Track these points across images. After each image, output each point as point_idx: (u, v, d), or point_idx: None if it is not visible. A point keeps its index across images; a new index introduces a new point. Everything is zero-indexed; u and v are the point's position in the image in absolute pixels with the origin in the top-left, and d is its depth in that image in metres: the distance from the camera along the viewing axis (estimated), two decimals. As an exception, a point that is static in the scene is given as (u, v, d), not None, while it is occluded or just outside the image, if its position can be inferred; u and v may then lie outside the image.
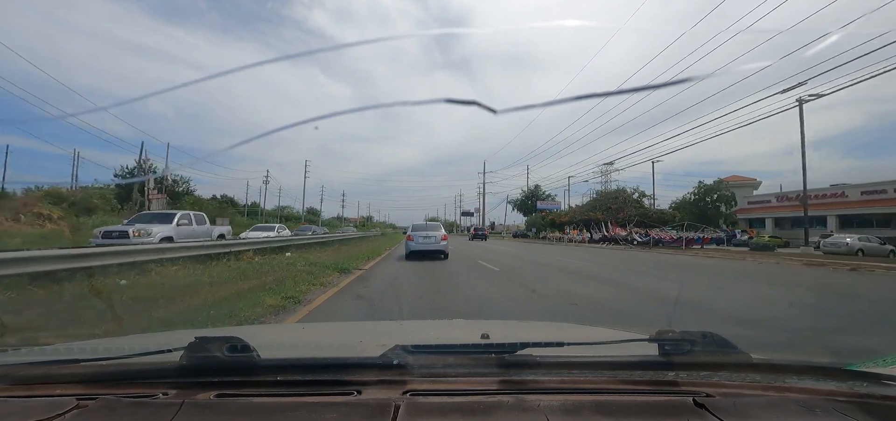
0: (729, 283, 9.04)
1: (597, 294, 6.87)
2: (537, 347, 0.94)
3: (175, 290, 6.01)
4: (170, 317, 4.48)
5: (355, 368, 0.86)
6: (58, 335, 3.71)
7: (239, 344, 0.85)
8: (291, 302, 5.51)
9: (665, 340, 0.92)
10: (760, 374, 0.86)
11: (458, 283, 8.08)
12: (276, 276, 7.83)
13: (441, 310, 5.54)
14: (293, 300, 5.60)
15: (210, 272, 8.05)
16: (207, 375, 0.81)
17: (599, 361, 0.88)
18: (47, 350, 1.26)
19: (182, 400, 0.74)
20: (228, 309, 4.85)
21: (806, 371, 0.87)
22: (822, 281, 10.15)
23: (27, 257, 5.97)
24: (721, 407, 0.73)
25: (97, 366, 0.88)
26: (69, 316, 4.46)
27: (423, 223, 15.80)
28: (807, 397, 0.78)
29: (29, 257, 5.99)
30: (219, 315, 4.53)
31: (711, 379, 0.84)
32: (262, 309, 4.96)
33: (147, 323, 4.21)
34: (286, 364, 0.86)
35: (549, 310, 5.62)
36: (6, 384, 0.82)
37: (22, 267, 5.70)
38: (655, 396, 0.79)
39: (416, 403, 0.74)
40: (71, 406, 0.72)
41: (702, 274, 10.78)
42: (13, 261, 5.69)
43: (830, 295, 7.77)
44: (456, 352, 0.99)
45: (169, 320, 4.34)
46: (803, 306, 6.42)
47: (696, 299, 6.53)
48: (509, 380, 0.82)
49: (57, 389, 0.79)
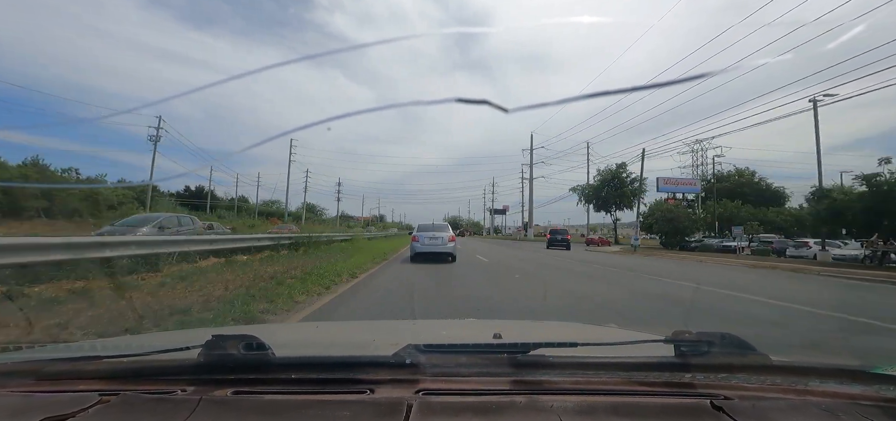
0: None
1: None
2: (550, 347, 0.93)
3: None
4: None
5: (368, 366, 0.86)
6: (83, 332, 3.82)
7: (254, 342, 0.87)
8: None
9: (681, 341, 0.90)
10: (780, 376, 0.84)
11: None
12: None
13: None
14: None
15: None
16: (224, 372, 0.83)
17: (614, 361, 0.87)
18: (72, 347, 1.30)
19: (199, 397, 0.75)
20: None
21: (829, 374, 0.85)
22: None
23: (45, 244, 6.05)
24: (739, 410, 0.72)
25: (118, 362, 0.91)
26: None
27: (430, 224, 15.51)
28: (829, 401, 0.76)
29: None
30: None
31: (729, 381, 0.82)
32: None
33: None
34: (300, 362, 0.87)
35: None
36: (32, 379, 0.84)
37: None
38: (671, 398, 0.77)
39: (429, 402, 0.74)
40: (94, 401, 0.74)
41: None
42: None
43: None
44: (468, 351, 0.99)
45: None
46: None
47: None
48: (522, 380, 0.81)
49: (80, 385, 0.82)
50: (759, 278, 11.35)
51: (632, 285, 8.79)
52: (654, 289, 8.30)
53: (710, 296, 7.51)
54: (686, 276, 11.20)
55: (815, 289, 9.49)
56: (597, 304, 6.45)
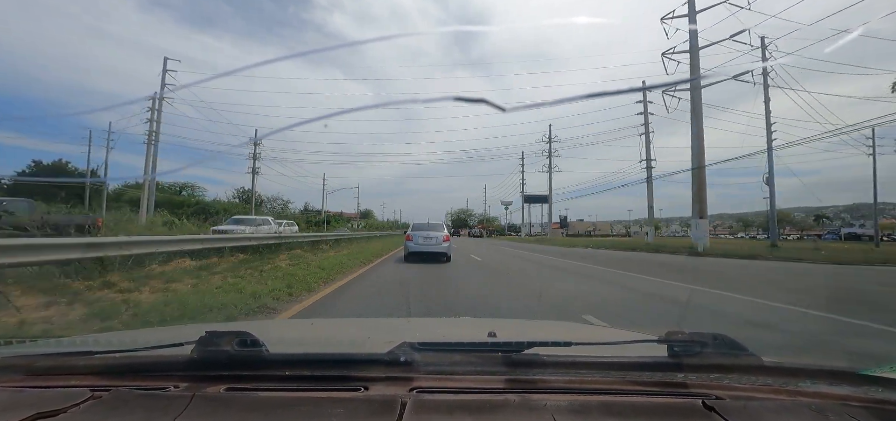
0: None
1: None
2: (544, 346, 0.94)
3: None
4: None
5: (362, 364, 0.86)
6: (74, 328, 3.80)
7: (248, 338, 0.86)
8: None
9: (674, 341, 0.91)
10: (772, 377, 0.85)
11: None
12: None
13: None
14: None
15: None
16: (217, 368, 0.82)
17: (607, 361, 0.88)
18: (63, 342, 1.29)
19: (193, 393, 0.75)
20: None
21: (819, 375, 0.86)
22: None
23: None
24: (731, 410, 0.72)
25: (111, 358, 0.90)
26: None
27: (425, 223, 14.71)
28: (820, 402, 0.77)
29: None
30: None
31: (721, 381, 0.82)
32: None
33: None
34: (294, 359, 0.87)
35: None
36: (22, 375, 0.84)
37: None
38: (664, 398, 0.78)
39: (423, 400, 0.74)
40: (85, 397, 0.74)
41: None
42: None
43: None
44: (463, 350, 0.99)
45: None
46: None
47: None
48: (516, 379, 0.82)
49: (72, 381, 0.81)
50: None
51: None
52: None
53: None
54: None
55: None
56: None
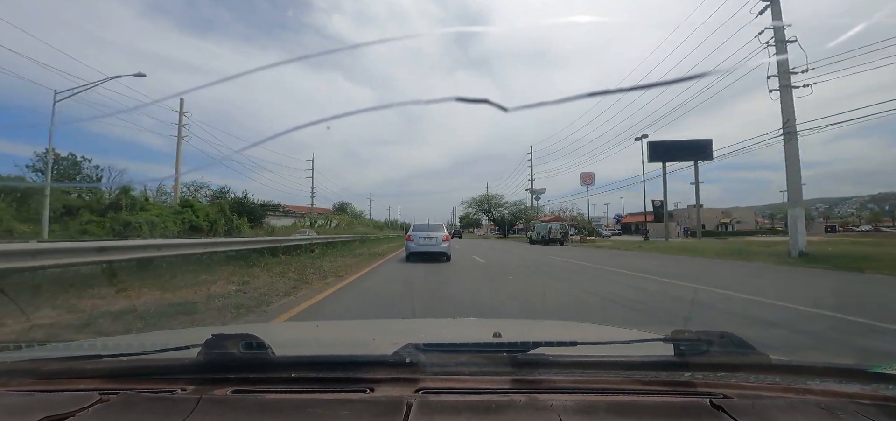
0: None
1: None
2: (550, 346, 0.94)
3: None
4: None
5: (368, 365, 0.86)
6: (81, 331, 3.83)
7: (254, 342, 0.87)
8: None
9: (681, 340, 0.90)
10: (780, 375, 0.84)
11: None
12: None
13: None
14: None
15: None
16: (224, 371, 0.83)
17: (613, 360, 0.87)
18: (72, 345, 1.30)
19: (199, 396, 0.75)
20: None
21: (828, 373, 0.85)
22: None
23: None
24: (739, 409, 0.72)
25: (118, 362, 0.91)
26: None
27: (425, 223, 15.12)
28: (829, 400, 0.76)
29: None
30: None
31: (729, 380, 0.82)
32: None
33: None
34: (300, 361, 0.87)
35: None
36: (31, 378, 0.84)
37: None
38: (671, 397, 0.77)
39: (429, 401, 0.74)
40: (93, 400, 0.74)
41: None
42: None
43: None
44: (468, 350, 0.99)
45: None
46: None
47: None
48: (522, 379, 0.81)
49: (80, 384, 0.81)
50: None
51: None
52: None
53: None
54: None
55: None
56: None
